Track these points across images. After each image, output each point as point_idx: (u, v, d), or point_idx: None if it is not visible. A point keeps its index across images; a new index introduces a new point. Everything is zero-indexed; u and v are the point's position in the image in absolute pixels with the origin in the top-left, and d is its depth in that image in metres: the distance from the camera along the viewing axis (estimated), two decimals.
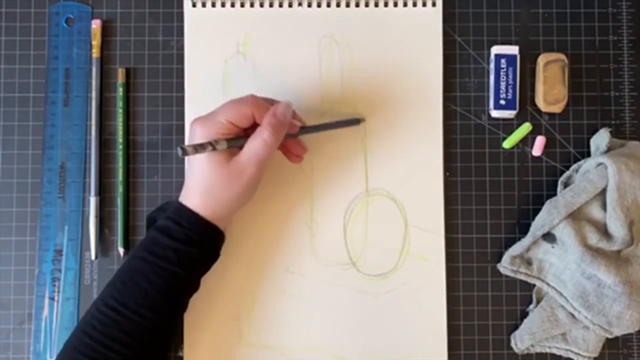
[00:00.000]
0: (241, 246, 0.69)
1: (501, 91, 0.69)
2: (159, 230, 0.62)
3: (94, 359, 0.59)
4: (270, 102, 0.64)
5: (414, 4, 0.71)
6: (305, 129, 0.66)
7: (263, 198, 0.68)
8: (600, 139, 0.69)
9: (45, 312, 0.69)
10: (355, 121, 0.69)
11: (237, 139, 0.62)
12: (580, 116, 0.71)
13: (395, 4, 0.71)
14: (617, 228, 0.65)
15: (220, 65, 0.70)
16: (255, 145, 0.61)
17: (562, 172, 0.70)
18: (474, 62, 0.71)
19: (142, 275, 0.61)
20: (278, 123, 0.62)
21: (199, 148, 0.59)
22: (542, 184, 0.70)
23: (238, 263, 0.69)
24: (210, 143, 0.60)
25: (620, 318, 0.65)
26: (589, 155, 0.70)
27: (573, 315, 0.67)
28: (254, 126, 0.62)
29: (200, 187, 0.61)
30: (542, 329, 0.67)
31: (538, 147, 0.70)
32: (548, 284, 0.68)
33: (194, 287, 0.64)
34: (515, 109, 0.70)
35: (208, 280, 0.68)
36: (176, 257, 0.61)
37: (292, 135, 0.65)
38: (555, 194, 0.69)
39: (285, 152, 0.67)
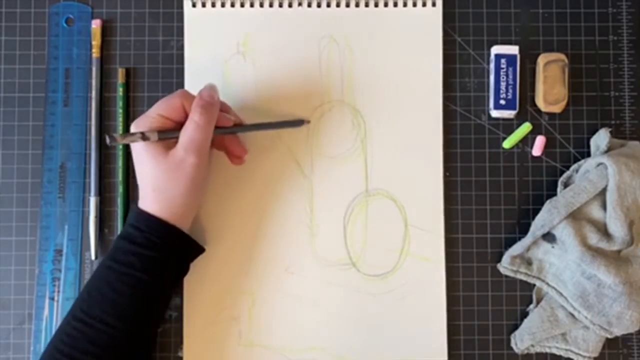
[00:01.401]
0: (241, 246, 0.69)
1: (501, 91, 0.69)
2: (122, 237, 0.62)
3: None
4: None
5: (414, 4, 0.71)
6: (244, 127, 0.66)
7: (263, 198, 0.68)
8: (600, 139, 0.69)
9: (46, 312, 0.69)
10: (299, 122, 0.68)
11: (170, 131, 0.62)
12: (580, 116, 0.71)
13: (395, 4, 0.71)
14: (617, 228, 0.65)
15: (220, 65, 0.70)
16: (188, 131, 0.61)
17: (562, 172, 0.70)
18: (474, 62, 0.71)
19: (107, 284, 0.60)
20: (205, 103, 0.61)
21: (128, 137, 0.60)
22: (542, 184, 0.70)
23: (238, 263, 0.69)
24: (141, 133, 0.60)
25: (620, 318, 0.65)
26: (589, 155, 0.70)
27: (573, 315, 0.67)
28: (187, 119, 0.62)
29: (149, 187, 0.61)
30: (542, 329, 0.67)
31: (538, 147, 0.70)
32: (548, 284, 0.68)
33: (164, 294, 0.64)
34: (515, 109, 0.70)
35: (208, 280, 0.68)
36: (139, 262, 0.60)
37: (229, 130, 0.65)
38: (555, 194, 0.69)
39: (227, 153, 0.67)
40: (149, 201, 0.61)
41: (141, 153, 0.61)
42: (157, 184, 0.61)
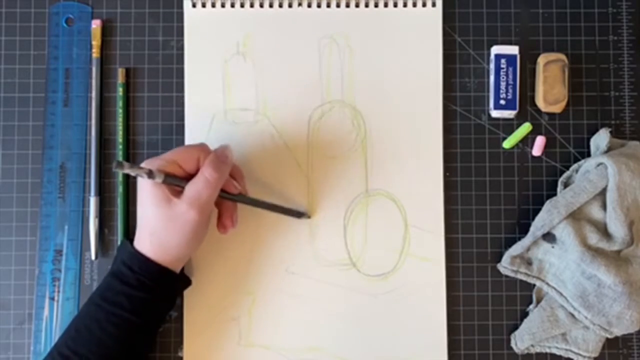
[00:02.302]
0: (241, 246, 0.69)
1: (501, 91, 0.69)
2: (113, 275, 0.62)
3: None
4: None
5: (414, 4, 0.71)
6: (246, 199, 0.65)
7: (263, 198, 0.68)
8: (600, 139, 0.69)
9: (46, 312, 0.69)
10: (300, 214, 0.68)
11: (178, 178, 0.61)
12: (580, 116, 0.71)
13: (395, 4, 0.71)
14: (617, 228, 0.65)
15: (220, 65, 0.70)
16: (196, 185, 0.60)
17: (562, 172, 0.70)
18: (474, 62, 0.71)
19: (96, 323, 0.60)
20: (219, 161, 0.61)
21: (134, 168, 0.58)
22: (542, 184, 0.71)
23: (238, 263, 0.69)
24: (148, 170, 0.59)
25: (620, 318, 0.65)
26: (589, 155, 0.70)
27: (573, 315, 0.67)
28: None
29: (147, 230, 0.61)
30: (542, 329, 0.67)
31: (538, 147, 0.70)
32: (548, 284, 0.68)
33: (151, 333, 0.64)
34: (515, 109, 0.70)
35: (208, 281, 0.68)
36: (129, 304, 0.60)
37: (230, 197, 0.64)
38: (555, 194, 0.69)
39: (219, 214, 0.65)
40: (145, 243, 0.61)
41: (146, 194, 0.60)
42: (155, 229, 0.60)
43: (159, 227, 0.60)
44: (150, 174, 0.59)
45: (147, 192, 0.60)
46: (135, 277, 0.60)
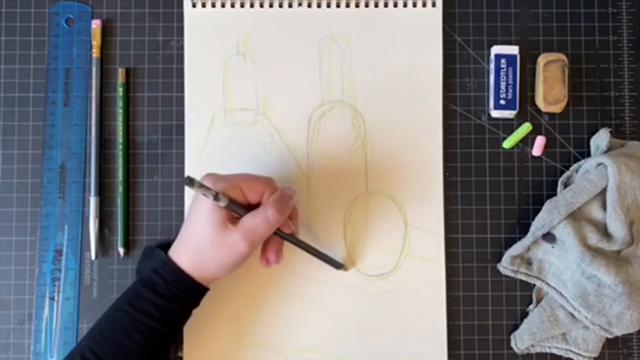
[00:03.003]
0: None
1: (501, 91, 0.69)
2: (143, 283, 0.61)
3: None
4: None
5: (414, 4, 0.71)
6: (293, 238, 0.65)
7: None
8: (600, 139, 0.69)
9: (46, 312, 0.69)
10: (339, 265, 0.68)
11: (239, 205, 0.61)
12: (580, 116, 0.71)
13: (395, 4, 0.71)
14: (617, 228, 0.65)
15: (220, 65, 0.70)
16: (255, 220, 0.60)
17: (562, 172, 0.70)
18: (474, 62, 0.71)
19: (123, 330, 0.60)
20: (283, 203, 0.61)
21: (203, 189, 0.58)
22: (542, 184, 0.71)
23: None
24: (215, 192, 0.59)
25: (620, 318, 0.65)
26: (589, 155, 0.70)
27: (573, 315, 0.67)
28: (257, 206, 0.62)
29: (191, 246, 0.61)
30: (542, 329, 0.67)
31: (538, 147, 0.70)
32: (548, 284, 0.68)
33: (173, 340, 0.65)
34: (515, 109, 0.70)
35: None
36: (158, 314, 0.60)
37: (283, 235, 0.64)
38: (555, 194, 0.69)
39: (264, 248, 0.65)
40: (184, 255, 0.61)
41: (203, 212, 0.60)
42: (201, 247, 0.60)
43: (206, 247, 0.60)
44: (216, 197, 0.59)
45: (206, 210, 0.60)
46: (167, 288, 0.60)
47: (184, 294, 0.61)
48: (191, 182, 0.57)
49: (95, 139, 0.70)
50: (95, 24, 0.70)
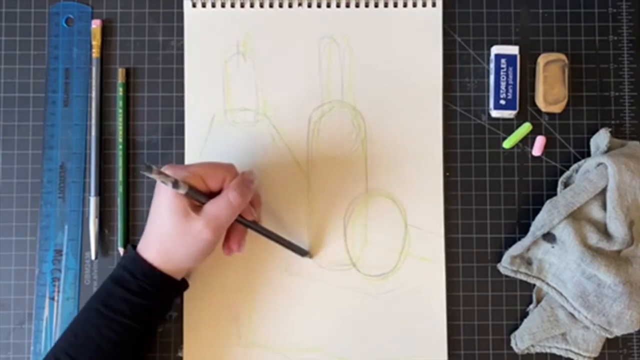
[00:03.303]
0: None
1: (501, 91, 0.69)
2: (114, 281, 0.61)
3: None
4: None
5: (414, 4, 0.71)
6: (256, 225, 0.64)
7: (263, 199, 0.68)
8: (600, 139, 0.69)
9: (46, 312, 0.69)
10: (304, 252, 0.68)
11: (200, 193, 0.60)
12: (580, 116, 0.71)
13: (395, 4, 0.71)
14: (617, 228, 0.65)
15: (220, 65, 0.70)
16: (217, 205, 0.59)
17: (562, 172, 0.70)
18: (474, 62, 0.71)
19: (95, 329, 0.60)
20: (244, 186, 0.60)
21: (162, 175, 0.57)
22: (542, 184, 0.71)
23: (237, 263, 0.69)
24: (175, 179, 0.58)
25: (620, 318, 0.65)
26: (589, 155, 0.70)
27: (573, 315, 0.67)
28: (219, 194, 0.61)
29: (156, 239, 0.60)
30: (542, 329, 0.67)
31: (538, 147, 0.70)
32: (548, 284, 0.68)
33: (149, 336, 0.64)
34: (515, 109, 0.70)
35: (208, 281, 0.68)
36: (130, 310, 0.60)
37: (245, 222, 0.63)
38: (555, 194, 0.69)
39: (227, 236, 0.64)
40: (151, 249, 0.61)
41: (164, 202, 0.59)
42: (166, 238, 0.60)
43: (171, 237, 0.60)
44: (175, 184, 0.58)
45: (167, 200, 0.59)
46: (138, 284, 0.60)
47: (154, 288, 0.61)
48: (149, 169, 0.56)
49: (95, 139, 0.70)
50: (95, 24, 0.70)
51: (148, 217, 0.62)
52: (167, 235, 0.60)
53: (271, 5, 0.71)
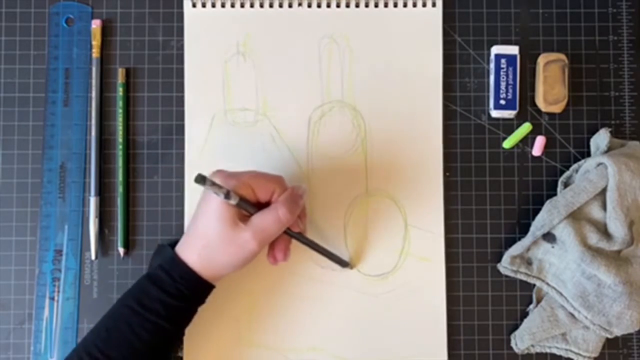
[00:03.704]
0: None
1: (501, 91, 0.69)
2: (150, 280, 0.61)
3: None
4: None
5: (414, 4, 0.71)
6: (302, 237, 0.64)
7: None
8: (600, 139, 0.69)
9: (46, 312, 0.69)
10: (345, 263, 0.68)
11: (249, 203, 0.60)
12: (580, 116, 0.71)
13: (395, 4, 0.71)
14: (617, 228, 0.65)
15: (220, 65, 0.70)
16: (265, 219, 0.60)
17: (562, 172, 0.70)
18: (474, 62, 0.71)
19: (129, 326, 0.60)
20: (293, 202, 0.61)
21: (215, 187, 0.58)
22: (542, 184, 0.71)
23: None
24: (227, 190, 0.58)
25: (620, 318, 0.65)
26: (589, 155, 0.70)
27: (573, 315, 0.67)
28: (267, 205, 0.61)
29: (200, 243, 0.60)
30: (542, 329, 0.67)
31: (538, 147, 0.70)
32: (548, 284, 0.68)
33: (179, 337, 0.65)
34: (515, 109, 0.70)
35: None
36: (165, 311, 0.60)
37: (292, 234, 0.63)
38: (555, 194, 0.69)
39: (272, 245, 0.64)
40: (192, 252, 0.60)
41: (213, 209, 0.59)
42: (210, 245, 0.60)
43: (216, 245, 0.60)
44: (227, 195, 0.58)
45: (216, 208, 0.59)
46: (175, 286, 0.60)
47: (191, 291, 0.61)
48: (202, 180, 0.57)
49: (95, 139, 0.70)
50: (95, 24, 0.70)
51: (191, 220, 0.62)
52: (212, 241, 0.60)
53: (271, 5, 0.71)
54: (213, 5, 0.71)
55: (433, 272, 0.69)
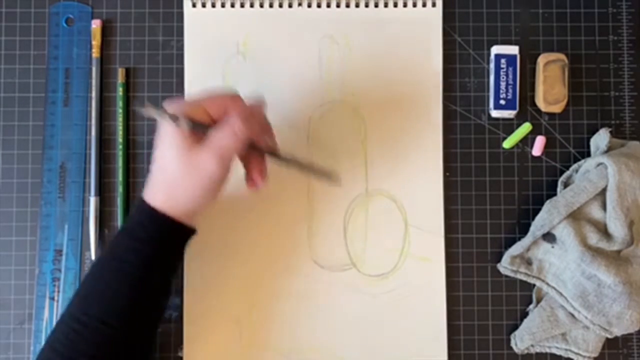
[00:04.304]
0: (240, 247, 0.69)
1: (501, 91, 0.69)
2: (122, 230, 0.59)
3: None
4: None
5: (414, 4, 0.71)
6: (276, 156, 0.62)
7: (262, 198, 0.68)
8: (600, 139, 0.69)
9: (46, 312, 0.69)
10: (332, 177, 0.65)
11: (202, 125, 0.57)
12: (580, 116, 0.71)
13: (395, 4, 0.71)
14: (617, 228, 0.65)
15: (220, 65, 0.70)
16: (221, 136, 0.56)
17: (562, 172, 0.70)
18: (474, 62, 0.71)
19: (105, 282, 0.57)
20: (249, 115, 0.57)
21: (159, 112, 0.55)
22: (542, 184, 0.71)
23: (237, 264, 0.69)
24: (172, 115, 0.55)
25: (620, 318, 0.65)
26: (589, 155, 0.70)
27: (573, 315, 0.67)
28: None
29: (162, 180, 0.57)
30: (542, 329, 0.67)
31: (538, 147, 0.70)
32: (548, 284, 0.68)
33: (163, 290, 0.61)
34: (515, 109, 0.70)
35: (207, 281, 0.68)
36: (137, 260, 0.57)
37: (262, 150, 0.61)
38: (555, 194, 0.69)
39: (247, 169, 0.62)
40: (157, 194, 0.58)
41: (166, 139, 0.57)
42: (172, 177, 0.57)
43: (176, 176, 0.56)
44: (175, 119, 0.55)
45: (169, 137, 0.56)
46: (145, 232, 0.57)
47: (163, 235, 0.58)
48: (141, 104, 0.53)
49: (95, 139, 0.70)
50: (95, 24, 0.70)
51: (152, 166, 0.59)
52: (171, 174, 0.56)
53: (271, 5, 0.71)
54: (213, 5, 0.71)
55: (433, 272, 0.69)
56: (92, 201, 0.69)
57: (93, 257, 0.69)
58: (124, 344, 0.58)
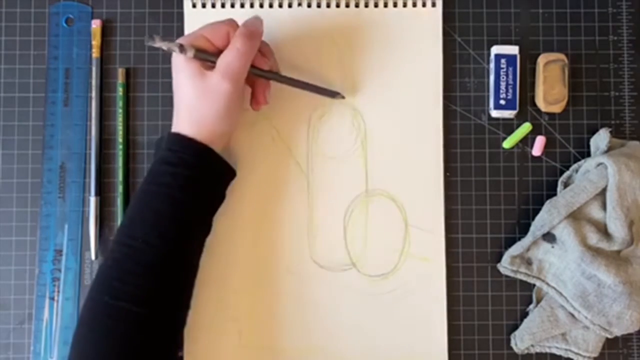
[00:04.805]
0: (240, 246, 0.69)
1: (501, 91, 0.69)
2: (157, 161, 0.62)
3: (112, 291, 0.58)
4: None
5: (414, 4, 0.71)
6: (279, 76, 0.67)
7: (263, 198, 0.68)
8: (600, 139, 0.69)
9: (46, 312, 0.69)
10: (334, 93, 0.69)
11: (209, 53, 0.62)
12: (580, 116, 0.71)
13: (395, 4, 0.71)
14: (617, 228, 0.65)
15: None
16: (227, 57, 0.61)
17: (562, 172, 0.70)
18: (474, 62, 0.71)
19: (146, 205, 0.61)
20: (249, 32, 0.62)
21: (166, 42, 0.60)
22: (542, 184, 0.71)
23: (237, 263, 0.69)
24: (180, 44, 0.60)
25: (620, 318, 0.65)
26: (589, 155, 0.70)
27: (573, 315, 0.67)
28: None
29: (184, 108, 0.62)
30: (542, 329, 0.67)
31: (538, 147, 0.70)
32: (548, 284, 0.68)
33: (202, 218, 0.64)
34: (515, 109, 0.70)
35: (208, 281, 0.68)
36: (174, 181, 0.61)
37: (262, 73, 0.65)
38: (555, 194, 0.69)
39: (253, 91, 0.67)
40: (183, 122, 0.62)
41: (180, 70, 0.62)
42: (191, 103, 0.61)
43: (195, 99, 0.61)
44: (182, 48, 0.60)
45: (181, 68, 0.61)
46: (177, 156, 0.61)
47: (194, 157, 0.61)
48: (151, 38, 0.59)
49: (95, 139, 0.70)
50: (95, 24, 0.70)
51: (174, 102, 0.63)
52: (190, 101, 0.61)
53: (271, 6, 0.71)
54: (213, 6, 0.71)
55: (433, 272, 0.69)
56: (92, 201, 0.69)
57: (93, 257, 0.69)
58: (168, 264, 0.60)
